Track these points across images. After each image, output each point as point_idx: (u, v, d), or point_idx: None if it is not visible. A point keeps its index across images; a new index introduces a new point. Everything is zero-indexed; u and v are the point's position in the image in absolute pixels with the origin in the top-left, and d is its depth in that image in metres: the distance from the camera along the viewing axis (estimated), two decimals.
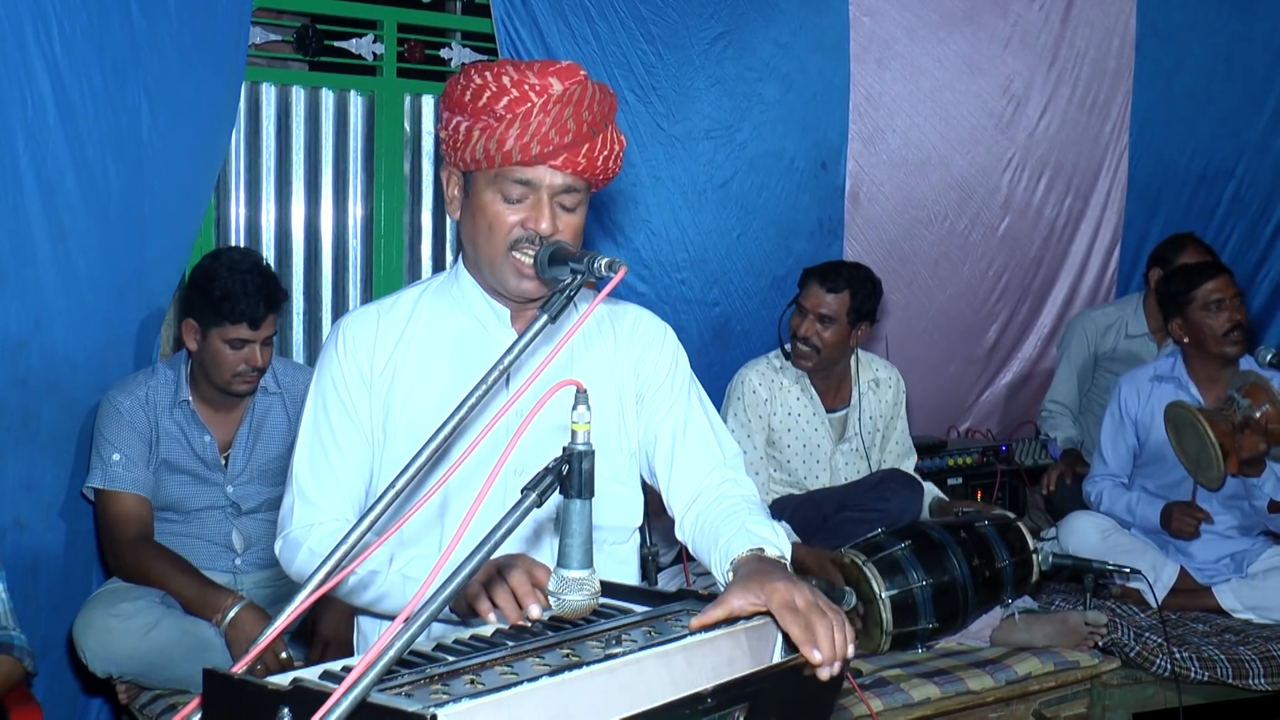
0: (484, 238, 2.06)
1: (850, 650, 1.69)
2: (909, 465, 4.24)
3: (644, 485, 2.29)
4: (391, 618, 2.02)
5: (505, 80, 2.01)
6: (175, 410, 3.31)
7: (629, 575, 2.25)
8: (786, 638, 1.70)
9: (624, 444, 2.19)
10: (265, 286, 3.24)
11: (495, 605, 1.82)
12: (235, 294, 3.19)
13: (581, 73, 2.04)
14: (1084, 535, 4.17)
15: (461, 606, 1.92)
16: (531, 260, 2.00)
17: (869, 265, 4.25)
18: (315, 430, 2.15)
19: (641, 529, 2.32)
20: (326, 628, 3.14)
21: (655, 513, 2.57)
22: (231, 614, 3.08)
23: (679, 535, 2.14)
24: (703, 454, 2.16)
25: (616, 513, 2.19)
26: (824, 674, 1.66)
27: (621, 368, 2.20)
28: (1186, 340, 4.19)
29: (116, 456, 3.23)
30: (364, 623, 2.23)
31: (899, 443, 4.24)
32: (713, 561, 1.99)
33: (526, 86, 2.00)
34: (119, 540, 3.24)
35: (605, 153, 2.06)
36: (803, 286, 4.07)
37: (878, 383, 4.20)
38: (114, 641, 3.07)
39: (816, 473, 4.10)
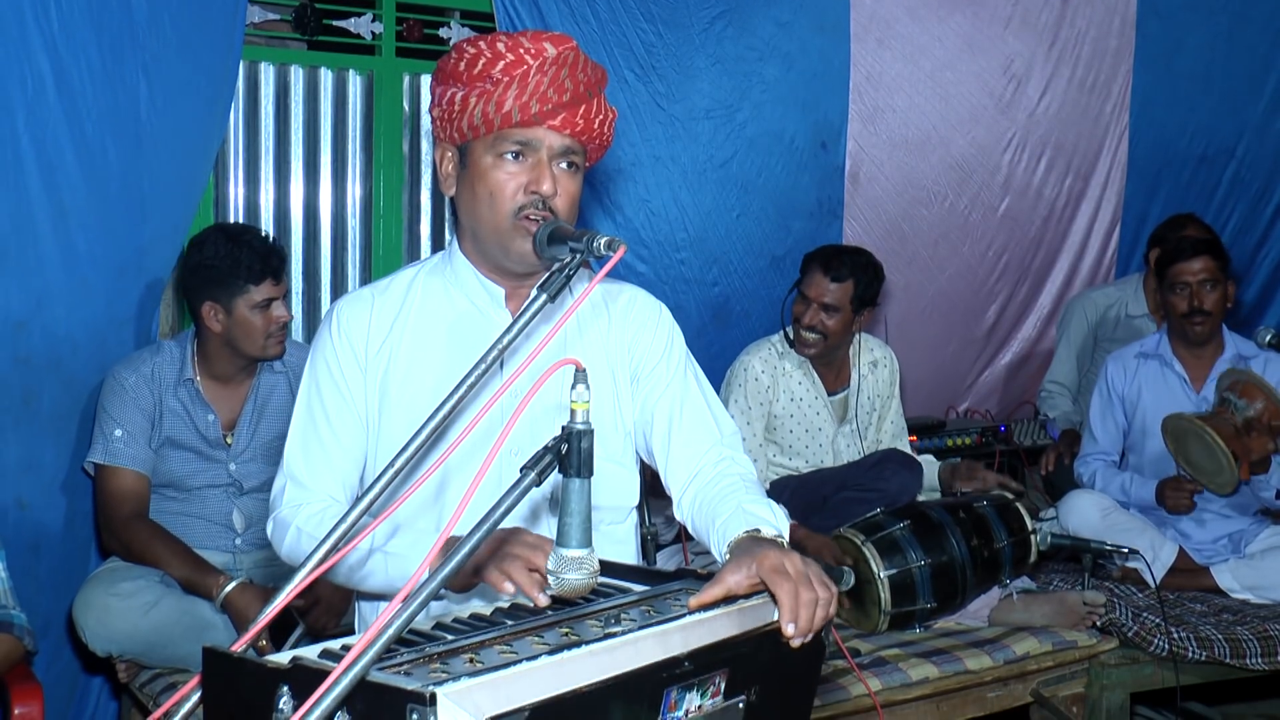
0: (486, 206, 2.04)
1: (819, 623, 1.70)
2: (903, 444, 4.24)
3: (642, 465, 2.29)
4: (387, 597, 2.02)
5: (500, 46, 2.02)
6: (180, 388, 3.31)
7: (626, 555, 2.25)
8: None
9: (619, 424, 2.18)
10: (267, 242, 3.31)
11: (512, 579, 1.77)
12: (249, 257, 3.24)
13: (573, 41, 2.06)
14: (1084, 514, 4.15)
15: (458, 583, 1.92)
16: (537, 223, 1.99)
17: (868, 246, 4.23)
18: (309, 412, 2.16)
19: (640, 509, 2.33)
20: (322, 587, 3.13)
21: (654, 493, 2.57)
22: (227, 590, 3.10)
23: (677, 514, 2.14)
24: (700, 432, 2.16)
25: (612, 493, 2.19)
26: (796, 642, 1.68)
27: (616, 347, 2.19)
28: (1165, 314, 4.21)
29: (119, 432, 3.24)
30: (363, 605, 2.24)
31: (894, 422, 4.23)
32: (711, 541, 1.99)
33: (522, 50, 2.01)
34: (113, 517, 3.25)
35: (600, 116, 2.08)
36: (805, 273, 4.01)
37: (875, 364, 4.20)
38: (114, 620, 3.08)
39: (820, 456, 4.09)
